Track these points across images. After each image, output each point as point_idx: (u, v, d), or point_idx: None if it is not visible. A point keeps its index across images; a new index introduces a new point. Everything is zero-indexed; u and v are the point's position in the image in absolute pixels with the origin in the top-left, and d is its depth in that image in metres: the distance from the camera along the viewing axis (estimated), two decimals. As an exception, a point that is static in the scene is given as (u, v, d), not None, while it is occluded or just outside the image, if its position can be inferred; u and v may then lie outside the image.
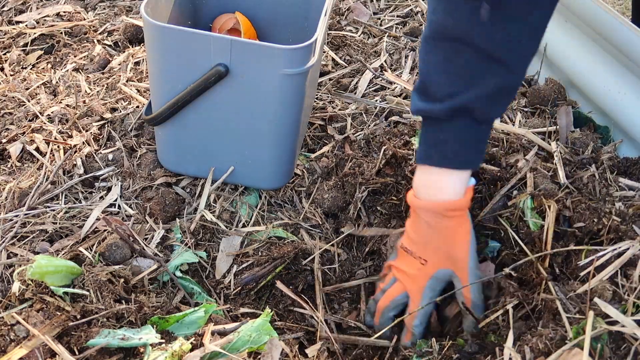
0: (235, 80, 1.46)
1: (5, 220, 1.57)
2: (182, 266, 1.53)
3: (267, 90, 1.48)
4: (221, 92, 1.49)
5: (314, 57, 1.44)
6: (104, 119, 1.90)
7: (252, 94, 1.49)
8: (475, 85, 1.14)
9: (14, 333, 1.17)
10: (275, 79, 1.44)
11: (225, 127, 1.58)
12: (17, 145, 1.82)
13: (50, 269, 1.29)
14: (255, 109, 1.53)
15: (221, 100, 1.51)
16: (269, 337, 1.17)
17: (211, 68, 1.43)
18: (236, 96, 1.50)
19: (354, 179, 1.65)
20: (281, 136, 1.59)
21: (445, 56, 1.15)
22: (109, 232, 1.53)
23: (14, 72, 2.18)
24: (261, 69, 1.43)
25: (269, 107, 1.52)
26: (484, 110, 1.17)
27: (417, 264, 1.35)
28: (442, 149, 1.23)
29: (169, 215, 1.63)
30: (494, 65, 1.12)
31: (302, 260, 1.58)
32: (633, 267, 1.22)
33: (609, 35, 1.76)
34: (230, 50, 1.40)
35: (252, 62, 1.42)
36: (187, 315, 1.25)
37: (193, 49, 1.42)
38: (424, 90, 1.21)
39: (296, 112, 1.55)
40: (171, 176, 1.72)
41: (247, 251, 1.58)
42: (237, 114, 1.54)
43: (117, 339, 1.16)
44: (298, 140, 1.68)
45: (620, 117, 1.77)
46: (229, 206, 1.69)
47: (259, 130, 1.57)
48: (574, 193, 1.51)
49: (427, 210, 1.29)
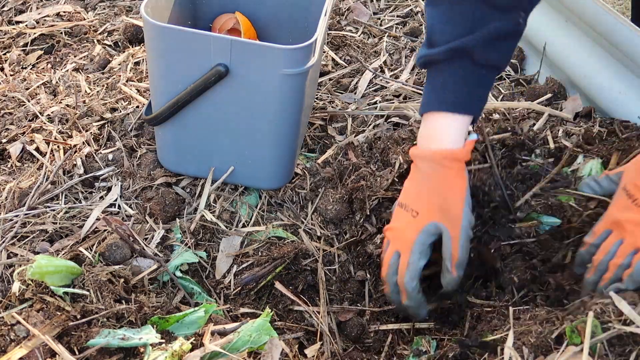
0: (235, 80, 1.46)
1: (5, 220, 1.57)
2: (182, 266, 1.53)
3: (267, 90, 1.48)
4: (221, 92, 1.49)
5: (314, 57, 1.44)
6: (104, 119, 1.90)
7: (252, 94, 1.49)
8: (476, 30, 1.19)
9: (14, 333, 1.17)
10: (275, 79, 1.44)
11: (225, 127, 1.58)
12: (17, 145, 1.82)
13: (50, 269, 1.29)
14: (255, 109, 1.53)
15: (221, 100, 1.51)
16: (269, 337, 1.17)
17: (211, 68, 1.43)
18: (236, 96, 1.50)
19: (362, 194, 1.63)
20: (281, 136, 1.59)
21: (448, 6, 1.22)
22: (109, 232, 1.53)
23: (14, 72, 2.18)
24: (261, 69, 1.43)
25: (269, 107, 1.52)
26: (483, 53, 1.22)
27: (409, 216, 1.34)
28: (442, 92, 1.27)
29: (169, 215, 1.63)
30: (494, 11, 1.18)
31: (302, 260, 1.58)
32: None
33: (609, 34, 1.76)
34: (230, 50, 1.40)
35: (252, 62, 1.42)
36: (187, 315, 1.25)
37: (193, 49, 1.42)
38: (428, 42, 1.27)
39: (296, 112, 1.55)
40: (171, 176, 1.72)
41: (247, 251, 1.58)
42: (237, 114, 1.54)
43: (117, 339, 1.16)
44: (298, 140, 1.68)
45: (621, 116, 1.77)
46: (229, 206, 1.69)
47: (259, 130, 1.57)
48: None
49: (425, 158, 1.30)
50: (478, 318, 1.38)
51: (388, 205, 1.62)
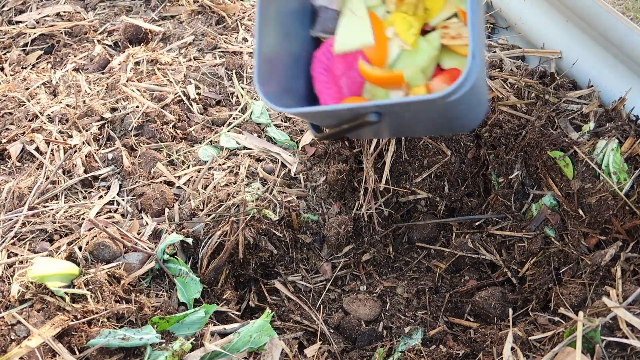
0: (393, 116, 1.32)
1: (5, 220, 1.57)
2: (169, 249, 1.53)
3: (432, 115, 1.30)
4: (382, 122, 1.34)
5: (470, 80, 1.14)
6: (104, 118, 1.90)
7: (416, 119, 1.33)
8: None
9: (15, 333, 1.17)
10: (438, 107, 1.27)
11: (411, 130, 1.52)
12: (17, 145, 1.82)
13: (50, 272, 1.29)
14: (430, 123, 1.39)
15: (385, 126, 1.37)
16: (269, 337, 1.17)
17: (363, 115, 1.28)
18: (401, 119, 1.36)
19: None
20: (474, 104, 1.31)
21: None
22: (98, 232, 1.53)
23: (14, 72, 2.17)
24: (421, 108, 1.27)
25: (446, 117, 1.33)
26: None
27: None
28: None
29: (162, 210, 1.64)
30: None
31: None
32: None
33: (609, 34, 1.76)
34: (384, 108, 1.26)
35: (408, 109, 1.30)
36: (188, 316, 1.25)
37: (340, 115, 1.23)
38: None
39: (477, 91, 1.25)
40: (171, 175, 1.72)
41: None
42: (409, 125, 1.39)
43: (118, 339, 1.16)
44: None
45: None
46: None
47: (449, 123, 1.38)
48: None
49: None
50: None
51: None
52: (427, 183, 1.77)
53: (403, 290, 1.67)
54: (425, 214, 1.81)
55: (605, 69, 1.83)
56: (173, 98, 1.99)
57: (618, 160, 1.48)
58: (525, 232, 1.60)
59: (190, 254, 1.57)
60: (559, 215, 1.57)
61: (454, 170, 1.75)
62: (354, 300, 1.61)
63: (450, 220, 1.78)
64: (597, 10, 1.77)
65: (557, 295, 1.43)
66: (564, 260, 1.52)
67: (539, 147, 1.60)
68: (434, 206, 1.80)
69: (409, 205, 1.81)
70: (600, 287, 1.36)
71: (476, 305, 1.56)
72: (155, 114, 1.90)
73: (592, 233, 1.48)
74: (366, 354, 1.48)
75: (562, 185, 1.57)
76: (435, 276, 1.70)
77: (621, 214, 1.44)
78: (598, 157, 1.51)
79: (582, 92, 1.72)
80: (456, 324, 1.57)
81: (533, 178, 1.68)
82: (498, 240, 1.66)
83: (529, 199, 1.67)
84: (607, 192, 1.46)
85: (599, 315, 1.17)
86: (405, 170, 1.76)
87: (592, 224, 1.49)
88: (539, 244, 1.56)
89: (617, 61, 1.79)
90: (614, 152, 1.50)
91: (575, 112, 1.65)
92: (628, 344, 1.08)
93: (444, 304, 1.62)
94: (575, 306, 1.36)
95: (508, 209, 1.69)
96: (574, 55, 1.92)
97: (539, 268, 1.55)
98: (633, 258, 1.38)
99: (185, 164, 1.80)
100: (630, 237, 1.43)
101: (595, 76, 1.86)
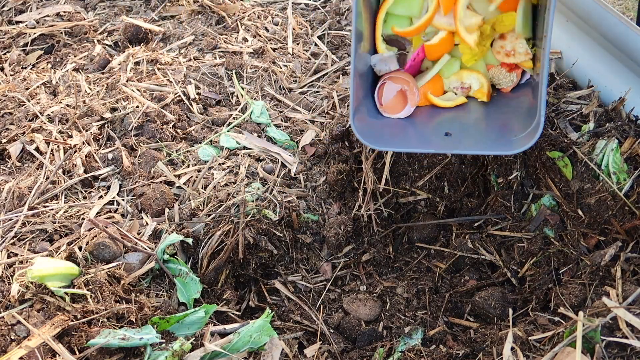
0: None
1: (5, 220, 1.57)
2: (169, 249, 1.53)
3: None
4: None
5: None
6: (104, 118, 1.90)
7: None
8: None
9: (15, 333, 1.17)
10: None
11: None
12: (17, 145, 1.82)
13: (50, 272, 1.29)
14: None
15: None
16: (269, 337, 1.17)
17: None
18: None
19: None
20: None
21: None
22: (98, 232, 1.53)
23: (14, 72, 2.18)
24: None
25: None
26: None
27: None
28: None
29: (162, 210, 1.64)
30: None
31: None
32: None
33: (609, 34, 1.76)
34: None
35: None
36: (188, 316, 1.26)
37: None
38: None
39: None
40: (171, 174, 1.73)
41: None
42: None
43: (118, 339, 1.16)
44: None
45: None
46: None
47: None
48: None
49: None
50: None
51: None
52: (427, 184, 1.77)
53: (403, 290, 1.67)
54: (425, 215, 1.81)
55: (605, 69, 1.83)
56: (173, 98, 1.99)
57: (618, 160, 1.48)
58: (525, 233, 1.60)
59: (190, 254, 1.58)
60: (559, 216, 1.57)
61: (453, 171, 1.75)
62: (354, 300, 1.61)
63: (450, 220, 1.78)
64: (597, 10, 1.77)
65: (557, 295, 1.43)
66: (563, 261, 1.52)
67: (538, 147, 1.60)
68: (434, 206, 1.80)
69: (409, 206, 1.81)
70: (600, 287, 1.36)
71: (476, 305, 1.56)
72: (155, 114, 1.90)
73: (592, 233, 1.48)
74: (366, 354, 1.48)
75: (562, 185, 1.57)
76: (435, 276, 1.70)
77: (621, 214, 1.44)
78: (597, 158, 1.51)
79: (581, 93, 1.72)
80: (456, 324, 1.57)
81: (532, 178, 1.68)
82: (498, 240, 1.66)
83: (528, 199, 1.67)
84: (607, 192, 1.46)
85: (599, 315, 1.17)
86: (404, 171, 1.76)
87: (591, 224, 1.50)
88: (538, 244, 1.56)
89: (617, 61, 1.79)
90: (614, 152, 1.50)
91: (574, 113, 1.65)
92: (628, 344, 1.08)
93: (443, 304, 1.62)
94: (575, 306, 1.36)
95: (507, 210, 1.69)
96: (574, 55, 1.92)
97: (539, 268, 1.55)
98: (633, 258, 1.38)
99: (185, 163, 1.80)
100: (630, 237, 1.43)
101: (595, 76, 1.86)
